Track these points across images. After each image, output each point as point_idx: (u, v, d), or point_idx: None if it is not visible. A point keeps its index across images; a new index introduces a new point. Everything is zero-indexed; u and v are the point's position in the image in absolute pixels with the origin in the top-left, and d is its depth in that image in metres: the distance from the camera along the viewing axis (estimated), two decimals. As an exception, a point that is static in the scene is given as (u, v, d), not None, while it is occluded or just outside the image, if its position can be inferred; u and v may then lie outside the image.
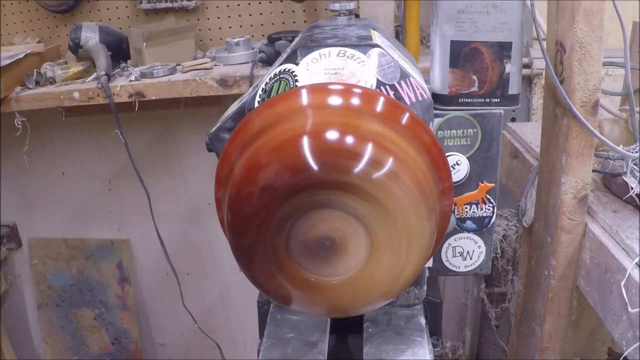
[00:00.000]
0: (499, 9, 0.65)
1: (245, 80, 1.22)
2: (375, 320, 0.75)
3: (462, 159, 0.68)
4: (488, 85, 0.67)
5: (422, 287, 0.76)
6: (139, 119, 1.41)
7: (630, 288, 0.66)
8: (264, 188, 0.50)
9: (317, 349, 0.71)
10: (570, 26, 0.71)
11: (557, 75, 0.76)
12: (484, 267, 0.75)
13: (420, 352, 0.69)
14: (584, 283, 0.81)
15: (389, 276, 0.53)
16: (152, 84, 1.23)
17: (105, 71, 1.25)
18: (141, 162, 1.43)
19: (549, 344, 0.91)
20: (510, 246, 1.24)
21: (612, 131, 0.92)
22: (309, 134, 0.50)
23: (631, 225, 0.75)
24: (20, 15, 1.48)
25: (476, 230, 0.72)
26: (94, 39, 1.29)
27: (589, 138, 0.76)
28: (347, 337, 0.78)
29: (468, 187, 0.70)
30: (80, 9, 1.45)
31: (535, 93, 1.37)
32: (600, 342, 1.37)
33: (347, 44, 0.63)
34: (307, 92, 0.55)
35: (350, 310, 0.57)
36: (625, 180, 0.79)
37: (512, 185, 1.08)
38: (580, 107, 0.74)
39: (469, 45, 0.66)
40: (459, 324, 1.68)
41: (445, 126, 0.68)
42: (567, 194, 0.79)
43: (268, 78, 0.64)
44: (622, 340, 0.68)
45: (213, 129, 0.68)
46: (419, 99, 0.62)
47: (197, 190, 1.65)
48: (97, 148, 1.62)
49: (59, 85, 1.28)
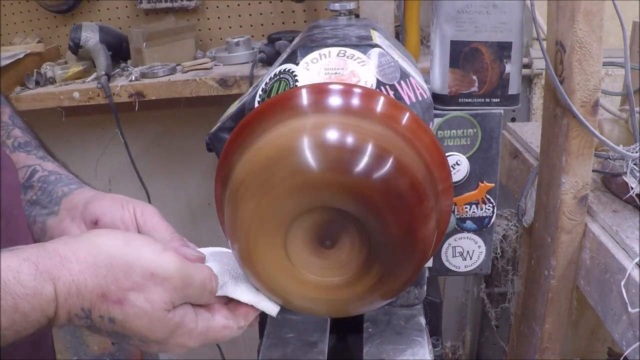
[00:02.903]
0: (499, 9, 0.65)
1: (245, 80, 1.22)
2: (375, 320, 0.75)
3: (462, 159, 0.68)
4: (488, 85, 0.67)
5: (422, 287, 0.76)
6: (139, 119, 1.41)
7: (630, 288, 0.66)
8: (264, 188, 0.50)
9: (317, 349, 0.71)
10: (570, 26, 0.71)
11: (557, 75, 0.76)
12: (484, 267, 0.75)
13: (420, 352, 0.69)
14: (584, 283, 0.81)
15: (388, 276, 0.53)
16: (152, 84, 1.23)
17: (105, 71, 1.25)
18: (141, 162, 1.43)
19: (549, 344, 0.91)
20: (510, 246, 1.24)
21: (612, 131, 0.92)
22: (309, 134, 0.50)
23: (631, 225, 0.75)
24: (20, 15, 1.48)
25: (476, 230, 0.72)
26: (94, 39, 1.29)
27: (589, 138, 0.76)
28: (347, 337, 0.78)
29: (468, 187, 0.70)
30: (80, 9, 1.45)
31: (535, 93, 1.37)
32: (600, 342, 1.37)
33: (347, 44, 0.63)
34: (307, 92, 0.55)
35: (350, 310, 0.57)
36: (625, 180, 0.79)
37: (512, 185, 1.08)
38: (580, 107, 0.74)
39: (469, 45, 0.66)
40: (459, 324, 1.68)
41: (445, 126, 0.68)
42: (567, 194, 0.79)
43: (268, 78, 0.64)
44: (622, 340, 0.68)
45: (213, 129, 0.68)
46: (419, 99, 0.62)
47: (197, 191, 1.65)
48: (97, 148, 1.62)
49: (59, 85, 1.28)
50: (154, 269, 0.48)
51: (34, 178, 0.62)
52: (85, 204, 0.58)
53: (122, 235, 0.50)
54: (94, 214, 0.57)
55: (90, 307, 0.46)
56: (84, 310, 0.45)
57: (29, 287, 0.42)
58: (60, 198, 0.60)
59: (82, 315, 0.46)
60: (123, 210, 0.57)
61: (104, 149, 1.62)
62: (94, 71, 1.30)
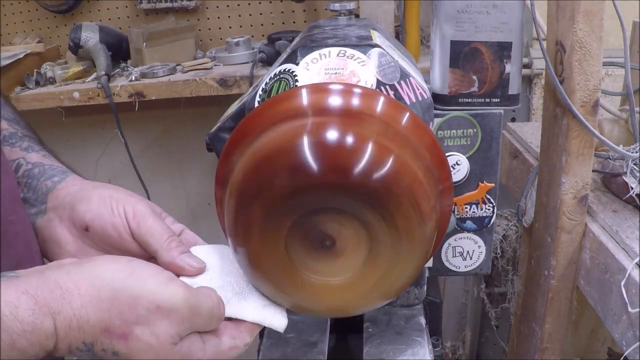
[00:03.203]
0: (499, 9, 0.65)
1: (245, 80, 1.22)
2: (375, 320, 0.75)
3: (462, 159, 0.68)
4: (488, 85, 0.67)
5: (422, 287, 0.76)
6: (139, 119, 1.41)
7: (630, 288, 0.66)
8: (264, 188, 0.50)
9: (317, 349, 0.71)
10: (570, 26, 0.71)
11: (557, 75, 0.76)
12: (484, 267, 0.75)
13: (420, 352, 0.69)
14: (584, 283, 0.81)
15: (389, 276, 0.53)
16: (152, 84, 1.23)
17: (105, 71, 1.25)
18: (141, 162, 1.43)
19: (549, 344, 0.91)
20: (510, 246, 1.24)
21: (612, 131, 0.92)
22: (309, 134, 0.50)
23: (631, 225, 0.75)
24: (20, 15, 1.48)
25: (476, 230, 0.72)
26: (94, 39, 1.29)
27: (589, 138, 0.76)
28: (347, 337, 0.78)
29: (468, 187, 0.70)
30: (80, 9, 1.45)
31: (535, 93, 1.37)
32: (600, 342, 1.37)
33: (347, 44, 0.63)
34: (307, 92, 0.55)
35: (351, 310, 0.57)
36: (625, 180, 0.79)
37: (512, 185, 1.08)
38: (580, 107, 0.74)
39: (469, 45, 0.66)
40: (459, 324, 1.68)
41: (445, 126, 0.68)
42: (567, 194, 0.79)
43: (268, 78, 0.64)
44: (622, 340, 0.68)
45: (213, 129, 0.68)
46: (419, 99, 0.62)
47: (197, 191, 1.65)
48: (97, 148, 1.62)
49: (59, 85, 1.28)
50: (160, 302, 0.46)
51: (19, 173, 0.59)
52: (71, 204, 0.56)
53: (125, 266, 0.47)
54: (83, 220, 0.55)
55: (92, 341, 0.44)
56: (85, 344, 0.44)
57: (27, 322, 0.40)
58: (46, 194, 0.58)
59: (83, 348, 0.44)
60: (113, 215, 0.55)
61: (104, 149, 1.62)
62: (94, 71, 1.30)
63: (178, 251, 0.54)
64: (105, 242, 0.56)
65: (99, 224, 0.55)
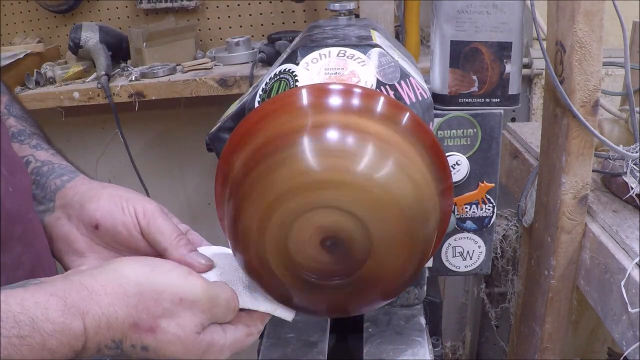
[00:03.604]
0: (499, 9, 0.65)
1: (245, 80, 1.22)
2: (375, 320, 0.75)
3: (462, 159, 0.68)
4: (488, 85, 0.67)
5: (422, 287, 0.76)
6: (139, 119, 1.41)
7: (630, 288, 0.66)
8: (264, 188, 0.50)
9: (317, 349, 0.71)
10: (570, 26, 0.71)
11: (557, 75, 0.76)
12: (484, 267, 0.75)
13: (420, 352, 0.69)
14: (584, 283, 0.81)
15: (389, 276, 0.53)
16: (152, 84, 1.23)
17: (105, 71, 1.25)
18: (141, 162, 1.43)
19: (549, 344, 0.91)
20: (510, 246, 1.24)
21: (612, 131, 0.92)
22: (309, 134, 0.50)
23: (631, 225, 0.75)
24: (20, 15, 1.48)
25: (476, 230, 0.72)
26: (94, 39, 1.29)
27: (589, 138, 0.76)
28: (347, 337, 0.78)
29: (468, 187, 0.70)
30: (80, 9, 1.45)
31: (535, 93, 1.37)
32: (600, 342, 1.37)
33: (347, 44, 0.63)
34: (307, 92, 0.55)
35: (351, 310, 0.57)
36: (625, 180, 0.79)
37: (512, 185, 1.08)
38: (580, 107, 0.74)
39: (469, 45, 0.66)
40: (459, 324, 1.68)
41: (445, 126, 0.68)
42: (567, 194, 0.79)
43: (268, 78, 0.64)
44: (622, 340, 0.68)
45: (213, 129, 0.68)
46: (419, 99, 0.62)
47: (197, 191, 1.65)
48: (97, 148, 1.62)
49: (59, 85, 1.28)
50: (183, 294, 0.49)
51: (28, 170, 0.60)
52: (80, 202, 0.57)
53: (146, 262, 0.50)
54: (93, 218, 0.56)
55: (121, 337, 0.46)
56: (114, 342, 0.45)
57: (57, 322, 0.41)
58: (54, 192, 0.59)
59: (112, 346, 0.45)
60: (124, 214, 0.56)
61: (104, 149, 1.62)
62: (94, 71, 1.30)
63: (187, 249, 0.56)
64: (115, 240, 0.57)
65: (110, 221, 0.56)
